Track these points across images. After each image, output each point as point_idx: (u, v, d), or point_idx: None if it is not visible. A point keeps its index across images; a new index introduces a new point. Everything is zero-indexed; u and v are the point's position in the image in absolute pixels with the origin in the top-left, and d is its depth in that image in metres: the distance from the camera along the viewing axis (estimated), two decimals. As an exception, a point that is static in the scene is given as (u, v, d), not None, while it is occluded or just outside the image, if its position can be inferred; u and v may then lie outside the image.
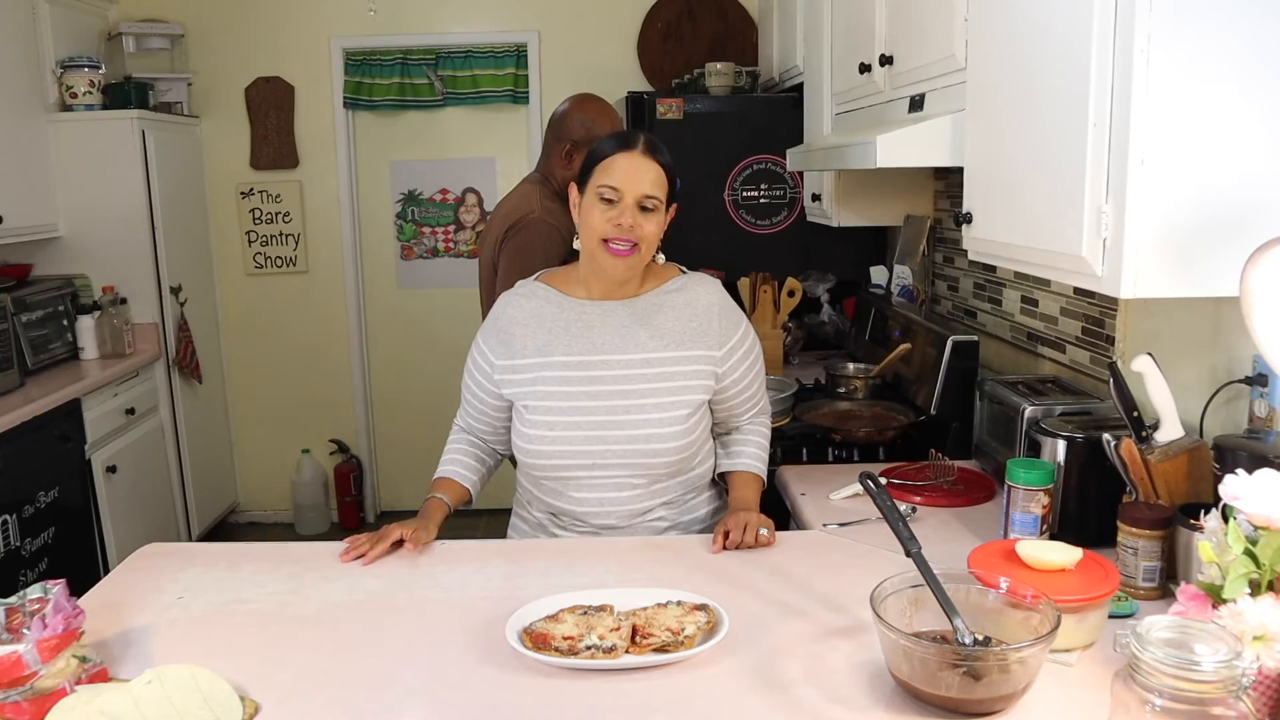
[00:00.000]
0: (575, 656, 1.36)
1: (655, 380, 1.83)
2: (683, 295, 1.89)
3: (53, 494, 3.46)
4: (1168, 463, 1.59)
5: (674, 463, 1.85)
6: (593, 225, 1.78)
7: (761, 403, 2.03)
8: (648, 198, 1.77)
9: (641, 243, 1.79)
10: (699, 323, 1.87)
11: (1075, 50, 1.44)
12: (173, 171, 4.37)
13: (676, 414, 1.83)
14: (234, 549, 1.87)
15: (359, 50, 4.72)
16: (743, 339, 1.92)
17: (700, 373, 1.86)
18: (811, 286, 3.65)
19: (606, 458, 1.82)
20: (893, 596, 1.33)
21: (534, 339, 1.86)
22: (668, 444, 1.82)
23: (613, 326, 1.85)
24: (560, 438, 1.82)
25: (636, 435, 1.81)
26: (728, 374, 1.89)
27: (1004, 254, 1.77)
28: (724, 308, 1.91)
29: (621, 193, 1.76)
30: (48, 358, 3.85)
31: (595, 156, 1.81)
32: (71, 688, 1.27)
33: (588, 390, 1.82)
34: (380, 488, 5.17)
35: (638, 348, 1.84)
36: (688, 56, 4.58)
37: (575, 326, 1.86)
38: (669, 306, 1.87)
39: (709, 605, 1.48)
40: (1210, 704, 0.99)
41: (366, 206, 4.93)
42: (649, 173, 1.78)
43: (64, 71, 4.06)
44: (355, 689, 1.34)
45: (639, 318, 1.86)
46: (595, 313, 1.87)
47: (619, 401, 1.82)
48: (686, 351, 1.85)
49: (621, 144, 1.79)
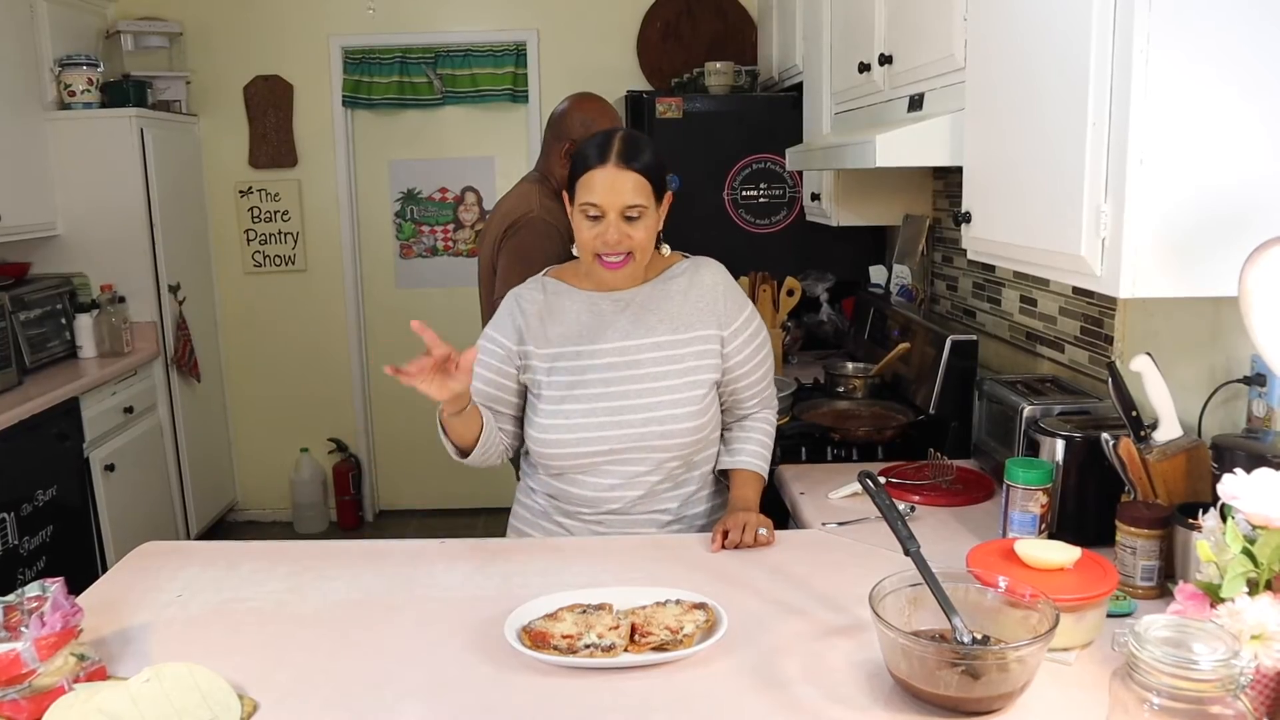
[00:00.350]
0: (574, 655, 1.36)
1: (667, 364, 1.86)
2: (687, 278, 1.92)
3: (51, 492, 3.46)
4: (1166, 462, 1.59)
5: (688, 444, 1.87)
6: (583, 240, 1.82)
7: (768, 395, 2.04)
8: (630, 208, 1.77)
9: (635, 250, 1.81)
10: (705, 302, 1.90)
11: (1074, 50, 1.44)
12: (171, 170, 4.37)
13: (691, 395, 1.86)
14: (232, 548, 1.87)
15: (358, 49, 4.71)
16: (748, 322, 1.94)
17: (709, 352, 1.89)
18: (810, 286, 3.65)
19: (623, 442, 1.84)
20: (891, 595, 1.33)
21: (547, 329, 1.88)
22: (682, 425, 1.85)
23: (624, 315, 1.88)
24: (577, 425, 1.84)
25: (651, 418, 1.84)
26: (733, 354, 1.91)
27: (1003, 253, 1.77)
28: (728, 288, 1.94)
29: (603, 209, 1.77)
30: (46, 356, 3.84)
31: (576, 170, 1.82)
32: (69, 686, 1.27)
33: (603, 378, 1.85)
34: (379, 487, 5.16)
35: (649, 333, 1.87)
36: (687, 56, 4.58)
37: (586, 316, 1.89)
38: (675, 291, 1.91)
39: (708, 604, 1.48)
40: (1208, 703, 0.99)
41: (365, 205, 4.93)
42: (627, 183, 1.76)
43: (62, 70, 4.06)
44: (353, 687, 1.34)
45: (648, 305, 1.89)
46: (605, 302, 1.89)
47: (633, 386, 1.85)
48: (695, 332, 1.88)
49: (597, 158, 1.78)
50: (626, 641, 1.39)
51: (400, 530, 4.91)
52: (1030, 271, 1.69)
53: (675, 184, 3.71)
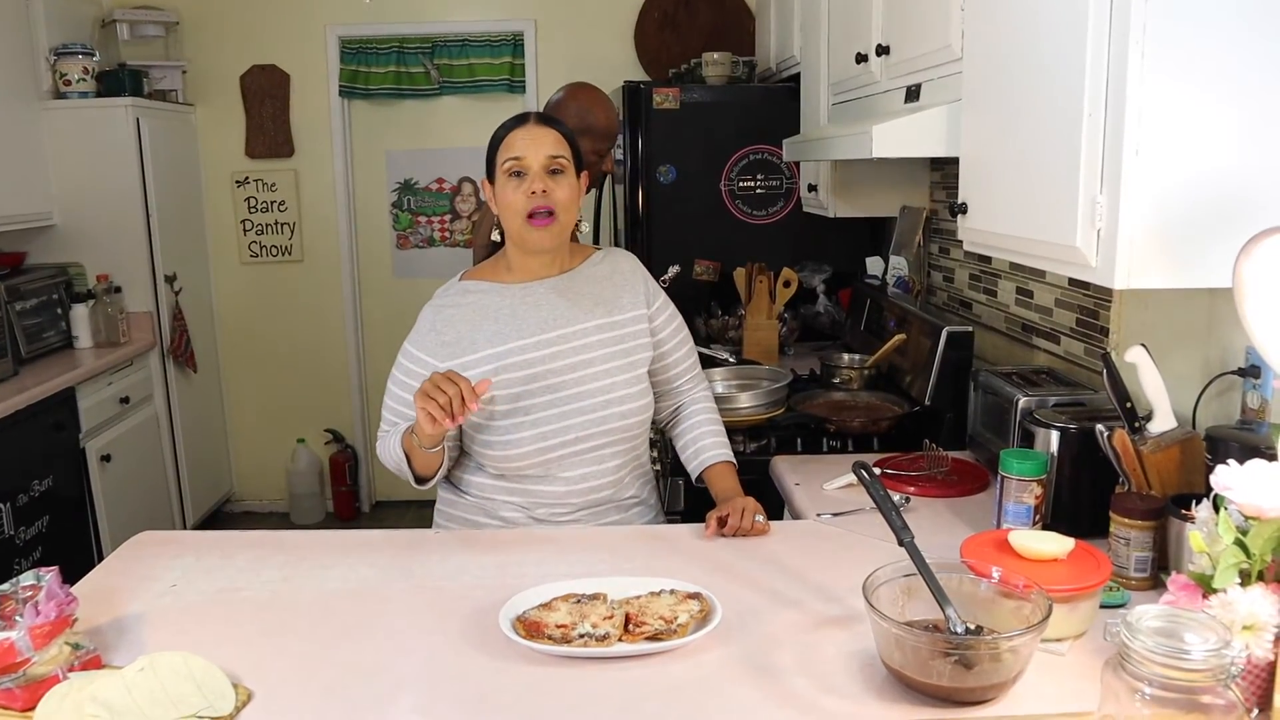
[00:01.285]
0: (568, 645, 1.37)
1: (611, 344, 1.88)
2: (606, 265, 1.96)
3: (47, 483, 3.46)
4: (1160, 454, 1.59)
5: (641, 423, 1.91)
6: (510, 204, 1.80)
7: (697, 372, 2.09)
8: (552, 159, 1.79)
9: (557, 208, 1.79)
10: (629, 285, 1.95)
11: (1071, 40, 1.43)
12: (167, 160, 4.36)
13: (637, 374, 1.90)
14: (228, 537, 1.87)
15: (355, 39, 4.70)
16: (666, 303, 2.02)
17: (642, 331, 1.93)
18: (807, 277, 3.65)
19: (586, 428, 1.84)
20: (885, 586, 1.33)
21: (481, 332, 1.85)
22: (637, 403, 1.88)
23: (559, 301, 1.88)
24: (539, 419, 1.82)
25: (610, 399, 1.85)
26: (659, 330, 1.97)
27: (999, 245, 1.77)
28: (647, 276, 2.01)
29: (526, 160, 1.78)
30: (41, 346, 3.84)
31: (494, 142, 1.84)
32: (64, 675, 1.27)
33: (553, 367, 1.84)
34: (375, 478, 5.17)
35: (587, 316, 1.88)
36: (684, 46, 4.57)
37: (522, 308, 1.86)
38: (599, 277, 1.94)
39: (702, 594, 1.48)
40: (1199, 692, 0.99)
41: (362, 195, 4.92)
42: (547, 137, 1.80)
43: (57, 59, 4.04)
44: (348, 677, 1.34)
45: (579, 289, 1.90)
46: (538, 290, 1.88)
47: (585, 371, 1.85)
48: (627, 314, 1.92)
49: (516, 121, 1.83)
50: (621, 631, 1.39)
51: (397, 521, 4.91)
52: (1026, 263, 1.69)
53: (672, 175, 3.71)
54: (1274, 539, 1.15)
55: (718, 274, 3.75)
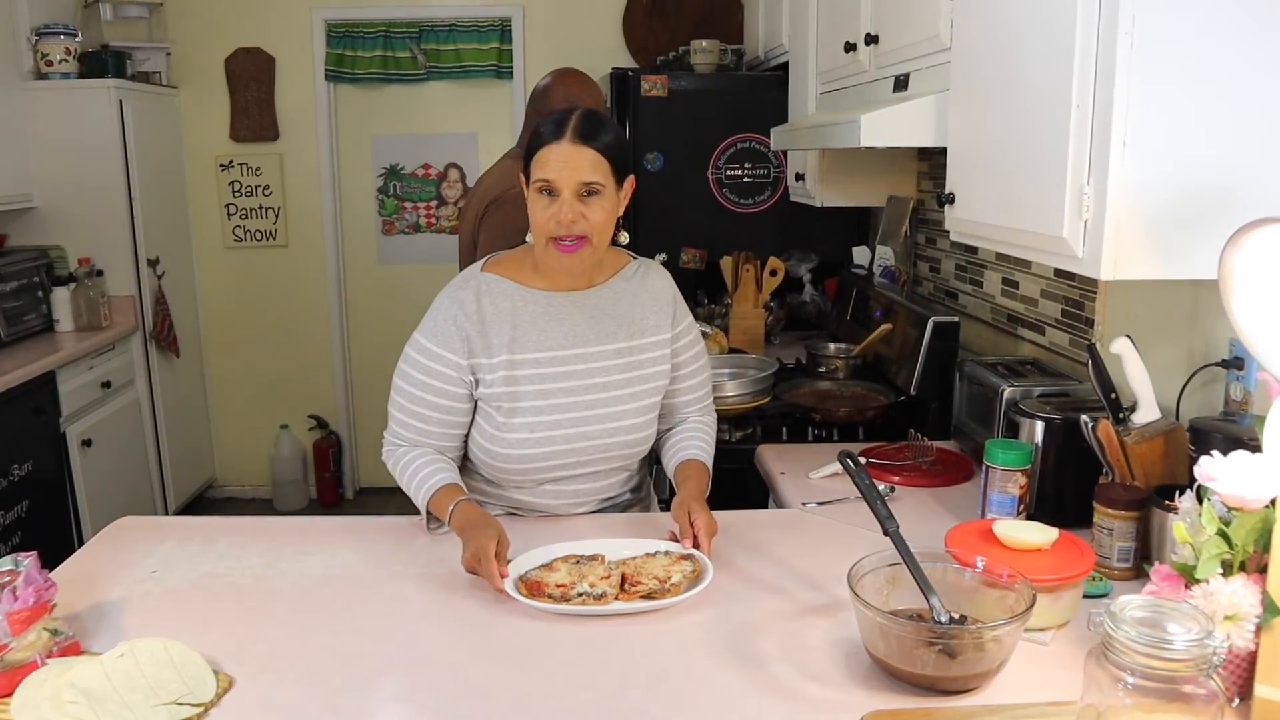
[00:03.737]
0: (567, 603, 1.45)
1: (627, 370, 1.80)
2: (639, 281, 1.85)
3: (26, 467, 3.43)
4: (1144, 444, 1.60)
5: (642, 451, 1.86)
6: (537, 223, 1.69)
7: (707, 403, 1.99)
8: (586, 185, 1.65)
9: (590, 233, 1.68)
10: (658, 306, 1.84)
11: (1060, 31, 1.43)
12: (150, 142, 4.32)
13: (648, 403, 1.82)
14: (209, 523, 1.86)
15: (341, 22, 4.66)
16: (690, 327, 1.91)
17: (662, 358, 1.84)
18: (794, 266, 3.65)
19: (589, 453, 1.79)
20: (870, 575, 1.33)
21: (500, 334, 1.75)
22: (642, 434, 1.82)
23: (581, 318, 1.78)
24: (543, 438, 1.75)
25: (617, 428, 1.79)
26: (679, 353, 1.88)
27: (986, 235, 1.77)
28: (677, 295, 1.90)
29: (557, 185, 1.65)
30: (22, 329, 3.80)
31: (532, 147, 1.70)
32: (42, 661, 1.26)
33: (564, 386, 1.76)
34: (359, 464, 5.15)
35: (608, 338, 1.79)
36: (673, 33, 4.55)
37: (543, 320, 1.76)
38: (629, 293, 1.83)
39: (694, 554, 1.58)
40: (1181, 682, 1.00)
41: (347, 180, 4.89)
42: (584, 159, 1.65)
43: (39, 39, 3.98)
44: (331, 662, 1.33)
45: (605, 307, 1.80)
46: (562, 304, 1.78)
47: (597, 395, 1.77)
48: (651, 338, 1.83)
49: (553, 133, 1.67)
50: (617, 590, 1.47)
51: (381, 507, 4.89)
52: (1013, 253, 1.69)
53: (659, 162, 3.69)
54: (1256, 530, 1.15)
55: (704, 262, 3.74)
